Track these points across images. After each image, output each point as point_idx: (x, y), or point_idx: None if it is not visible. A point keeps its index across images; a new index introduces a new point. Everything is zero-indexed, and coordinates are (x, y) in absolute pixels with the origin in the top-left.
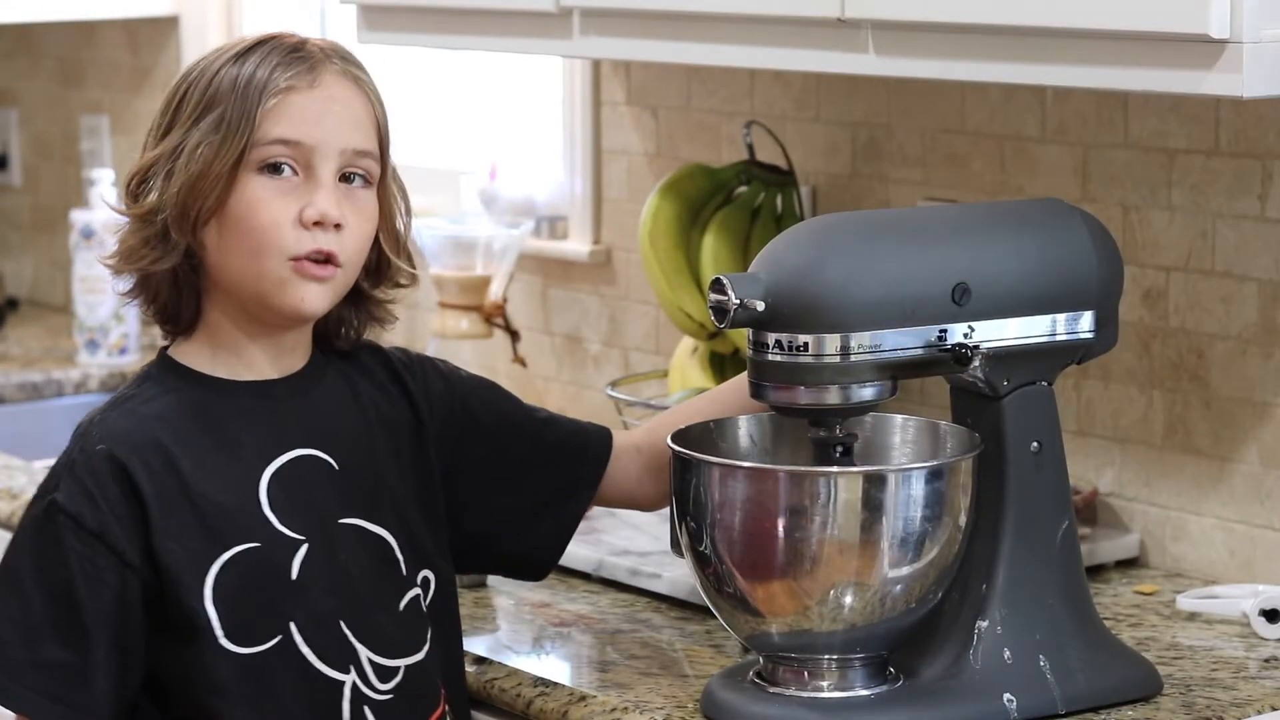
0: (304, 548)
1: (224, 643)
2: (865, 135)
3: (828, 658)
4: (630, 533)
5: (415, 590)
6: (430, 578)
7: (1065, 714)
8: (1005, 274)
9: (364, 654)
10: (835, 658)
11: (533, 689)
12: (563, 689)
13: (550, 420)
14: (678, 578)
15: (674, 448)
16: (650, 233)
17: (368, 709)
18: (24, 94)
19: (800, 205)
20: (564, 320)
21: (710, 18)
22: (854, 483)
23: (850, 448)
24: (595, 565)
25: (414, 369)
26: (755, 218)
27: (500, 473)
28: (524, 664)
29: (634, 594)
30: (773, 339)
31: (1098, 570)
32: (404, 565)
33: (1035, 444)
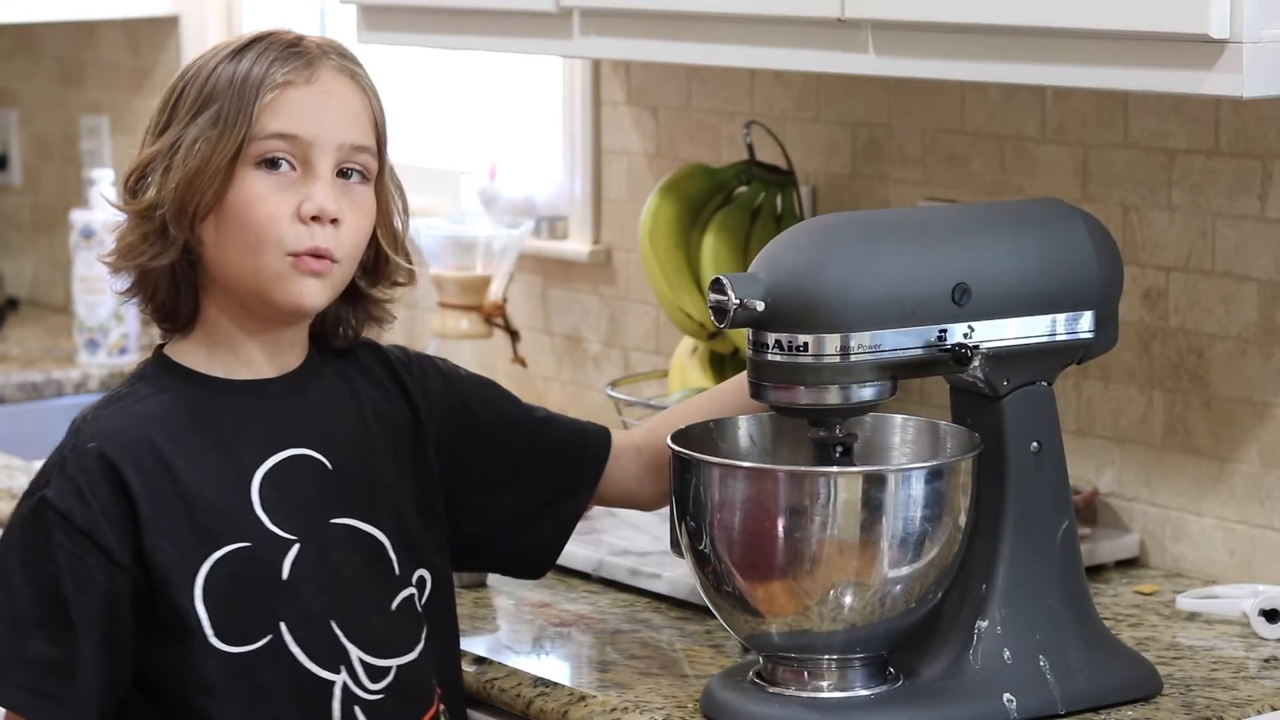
0: (295, 547)
1: (214, 642)
2: (865, 135)
3: (828, 658)
4: (630, 533)
5: (410, 590)
6: (426, 577)
7: (1065, 714)
8: (1005, 274)
9: (355, 654)
10: (835, 658)
11: (533, 689)
12: (563, 689)
13: (550, 420)
14: (678, 578)
15: (674, 447)
16: (650, 233)
17: (358, 709)
18: (24, 94)
19: (800, 205)
20: (564, 320)
21: (710, 18)
22: (854, 483)
23: (850, 448)
24: (595, 565)
25: (412, 367)
26: (755, 218)
27: (499, 472)
28: (524, 664)
29: (634, 594)
30: (772, 339)
31: (1098, 570)
32: (398, 565)
33: (1035, 444)
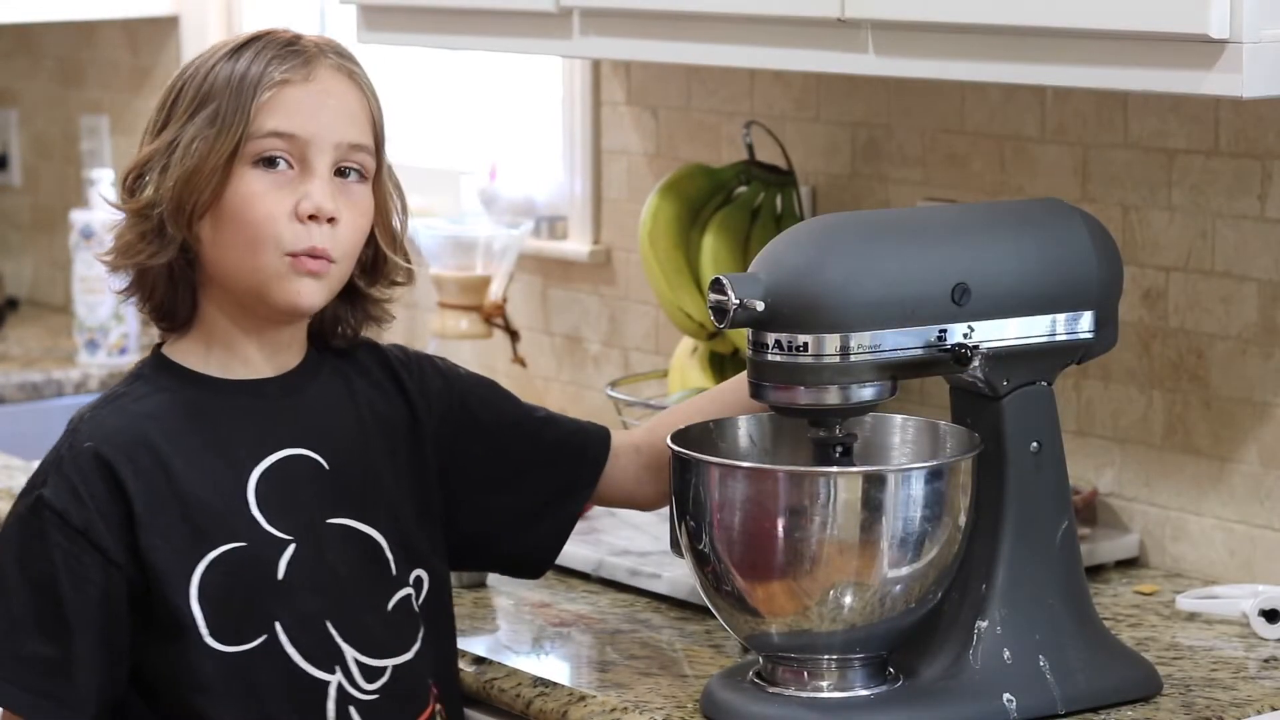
0: (291, 547)
1: (209, 641)
2: (865, 135)
3: (827, 658)
4: (630, 533)
5: (406, 590)
6: (423, 577)
7: (1065, 714)
8: (1005, 274)
9: (350, 654)
10: (835, 658)
11: (532, 689)
12: (562, 689)
13: (549, 419)
14: (677, 578)
15: (673, 448)
16: (650, 233)
17: (353, 709)
18: (24, 94)
19: (800, 205)
20: (564, 320)
21: (710, 18)
22: (853, 483)
23: (850, 448)
24: (595, 565)
25: (411, 367)
26: (755, 218)
27: (499, 472)
28: (523, 664)
29: (634, 594)
30: (772, 339)
31: (1097, 570)
32: (394, 565)
33: (1035, 444)
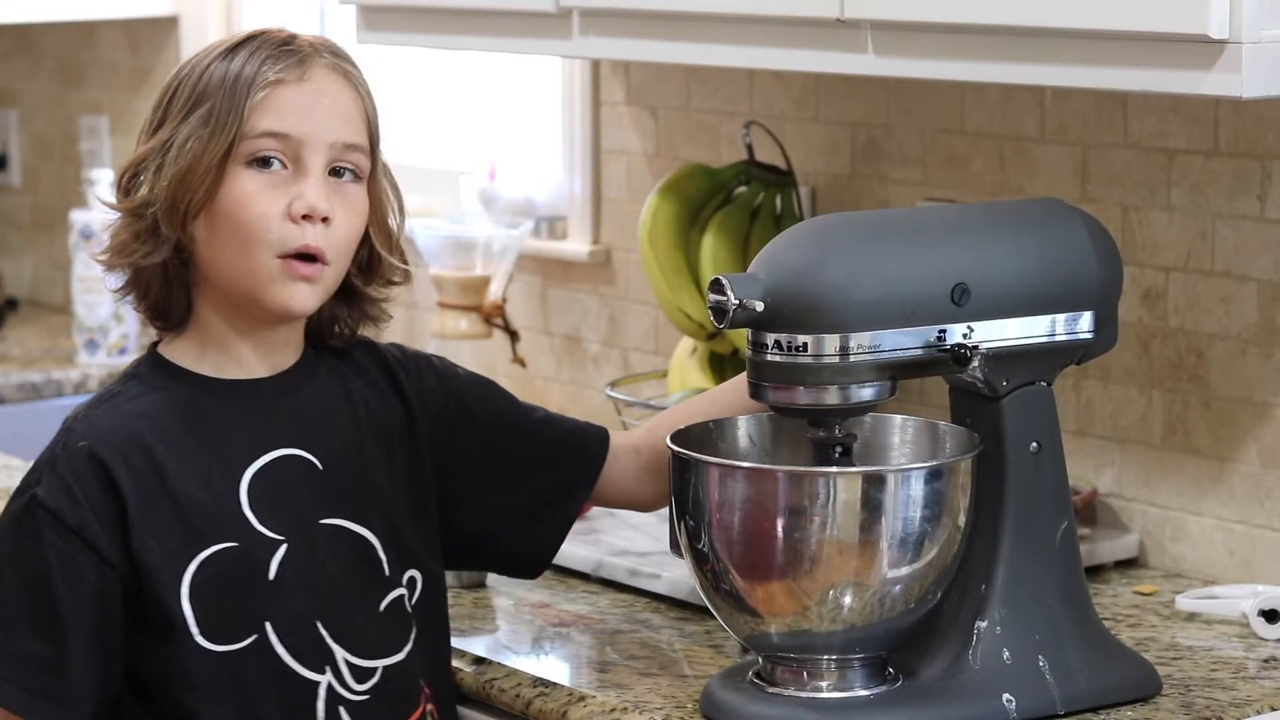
0: (283, 548)
1: (199, 641)
2: (864, 135)
3: (827, 658)
4: (630, 533)
5: (399, 590)
6: (417, 578)
7: (1064, 714)
8: (1005, 274)
9: (340, 655)
10: (834, 658)
11: (532, 689)
12: (562, 689)
13: (548, 419)
14: (677, 578)
15: (673, 448)
16: (650, 233)
17: (343, 709)
18: (24, 94)
19: (800, 205)
20: (563, 320)
21: (709, 18)
22: (853, 483)
23: (849, 448)
24: (594, 565)
25: (408, 366)
26: (754, 218)
27: (497, 471)
28: (523, 664)
29: (633, 594)
30: (772, 339)
31: (1097, 570)
32: (387, 565)
33: (1034, 444)
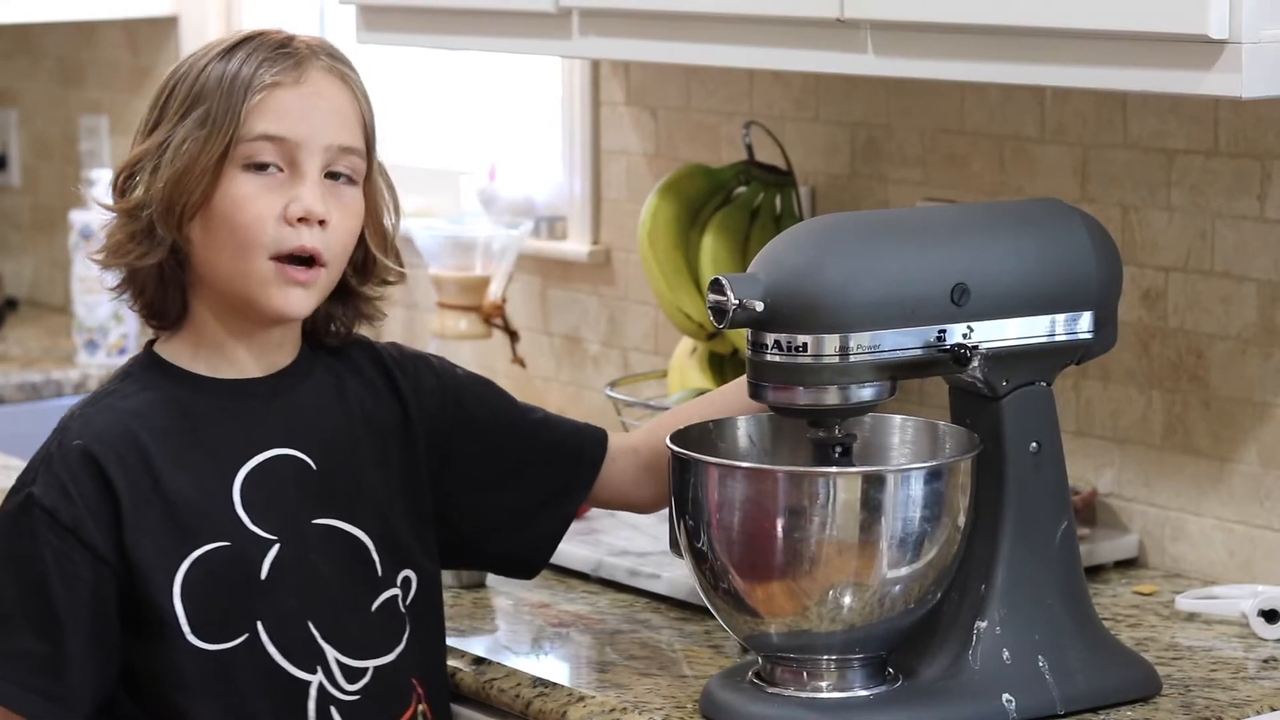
0: (275, 548)
1: (191, 639)
2: (864, 135)
3: (826, 658)
4: (629, 533)
5: (393, 591)
6: (412, 578)
7: (1064, 714)
8: (1004, 274)
9: (331, 655)
10: (834, 658)
11: (531, 689)
12: (561, 689)
13: (546, 420)
14: (677, 578)
15: (673, 448)
16: (649, 233)
17: (334, 709)
18: (24, 94)
19: (799, 205)
20: (563, 320)
21: (709, 18)
22: (853, 483)
23: (849, 448)
24: (594, 565)
25: (405, 365)
26: (754, 218)
27: (494, 471)
28: (523, 664)
29: (633, 594)
30: (771, 339)
31: (1097, 570)
32: (380, 566)
33: (1034, 444)
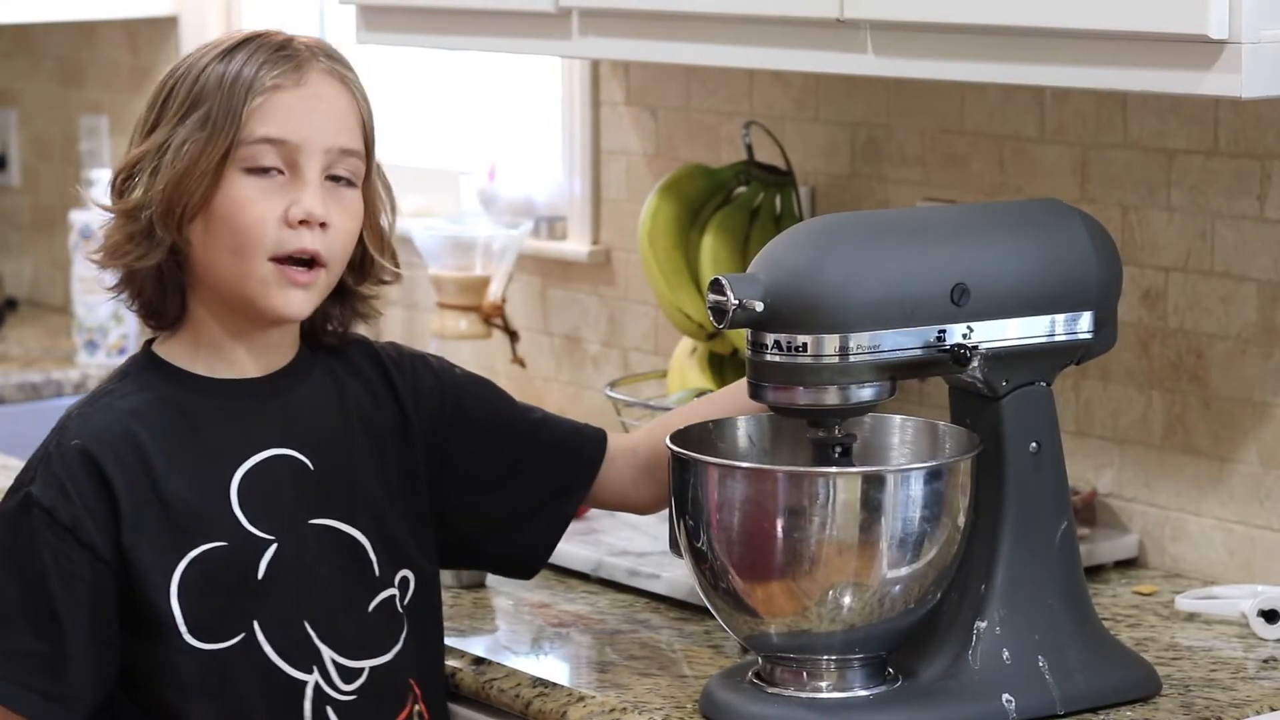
0: (272, 548)
1: (187, 639)
2: (864, 135)
3: (826, 658)
4: (629, 533)
5: (390, 591)
6: (409, 577)
7: (1064, 714)
8: (1004, 274)
9: (327, 655)
10: (834, 658)
11: (531, 689)
12: (561, 689)
13: (545, 420)
14: (676, 578)
15: (672, 448)
16: (649, 233)
17: (330, 709)
18: (24, 94)
19: (799, 206)
20: (563, 320)
21: (709, 18)
22: (853, 483)
23: (849, 448)
24: (594, 566)
25: (404, 365)
26: (754, 218)
27: (493, 471)
28: (523, 664)
29: (633, 594)
30: (771, 339)
31: (1097, 571)
32: (378, 566)
33: (1034, 444)
